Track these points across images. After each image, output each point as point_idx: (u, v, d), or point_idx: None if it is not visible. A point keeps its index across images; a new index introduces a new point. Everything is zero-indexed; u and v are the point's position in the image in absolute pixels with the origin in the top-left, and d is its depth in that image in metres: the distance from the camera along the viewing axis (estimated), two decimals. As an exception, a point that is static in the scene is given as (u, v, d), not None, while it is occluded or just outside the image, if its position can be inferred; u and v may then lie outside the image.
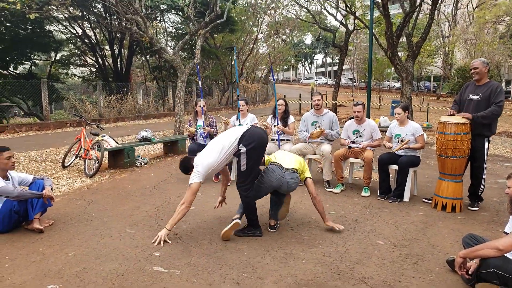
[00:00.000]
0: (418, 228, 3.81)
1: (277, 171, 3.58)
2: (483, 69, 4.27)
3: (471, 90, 4.40)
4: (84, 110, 14.01)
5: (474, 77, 4.34)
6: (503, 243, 2.45)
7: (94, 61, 21.74)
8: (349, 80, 45.09)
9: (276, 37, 29.23)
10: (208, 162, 3.43)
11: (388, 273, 2.87)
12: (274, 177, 3.56)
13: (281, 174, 3.57)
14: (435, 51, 27.35)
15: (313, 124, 5.50)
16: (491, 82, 4.30)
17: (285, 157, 3.81)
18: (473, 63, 4.36)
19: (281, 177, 3.56)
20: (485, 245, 2.57)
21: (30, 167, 6.62)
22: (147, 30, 9.98)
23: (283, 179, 3.56)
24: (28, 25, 16.91)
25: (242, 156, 3.42)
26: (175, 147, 8.04)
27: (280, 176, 3.56)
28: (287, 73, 67.90)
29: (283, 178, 3.56)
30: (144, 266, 2.94)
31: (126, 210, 4.33)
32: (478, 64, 4.29)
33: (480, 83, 4.33)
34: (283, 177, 3.56)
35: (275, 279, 2.76)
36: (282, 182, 3.57)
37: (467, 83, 4.58)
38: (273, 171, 3.59)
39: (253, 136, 3.45)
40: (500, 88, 4.22)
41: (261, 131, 3.63)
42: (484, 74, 4.30)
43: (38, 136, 10.68)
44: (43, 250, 3.23)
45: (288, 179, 3.58)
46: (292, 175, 3.61)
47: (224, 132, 3.72)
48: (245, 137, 3.43)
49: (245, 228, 3.61)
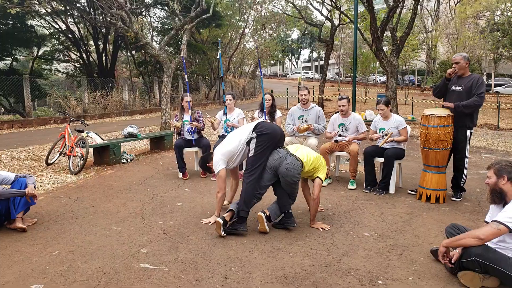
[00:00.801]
0: (403, 220, 3.87)
1: (281, 152, 3.58)
2: (464, 64, 4.37)
3: (453, 81, 4.50)
4: (68, 107, 13.77)
5: (455, 72, 4.43)
6: (484, 232, 2.51)
7: (78, 57, 21.32)
8: (335, 75, 45.31)
9: (262, 32, 29.18)
10: (228, 149, 3.67)
11: (374, 264, 2.92)
12: (277, 156, 3.54)
13: (284, 156, 3.53)
14: (419, 46, 27.75)
15: (300, 118, 5.52)
16: (472, 75, 4.41)
17: (298, 148, 3.76)
18: (454, 57, 4.45)
19: (282, 158, 3.52)
20: (467, 234, 2.63)
21: (12, 165, 6.48)
22: (132, 25, 9.84)
23: (284, 160, 3.50)
24: (9, 20, 16.49)
25: (252, 142, 3.59)
26: (161, 143, 7.98)
27: (282, 156, 3.53)
28: (274, 68, 67.90)
29: (284, 159, 3.51)
30: (131, 263, 2.92)
31: (112, 207, 4.28)
32: (459, 58, 4.38)
33: (462, 77, 4.42)
34: (285, 158, 3.51)
35: (263, 272, 2.78)
36: (281, 162, 3.50)
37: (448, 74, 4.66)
38: (278, 152, 3.59)
39: (265, 126, 3.68)
40: (481, 80, 4.34)
41: (276, 125, 3.87)
42: (465, 68, 4.40)
43: (20, 134, 10.45)
44: (26, 249, 3.18)
45: (288, 162, 3.50)
46: (295, 161, 3.52)
47: (241, 126, 4.00)
48: (258, 126, 3.67)
49: (230, 225, 3.54)
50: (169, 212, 4.10)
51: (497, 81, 30.17)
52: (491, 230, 2.49)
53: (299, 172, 3.54)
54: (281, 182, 3.56)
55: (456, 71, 4.40)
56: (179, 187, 5.13)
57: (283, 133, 3.82)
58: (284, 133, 3.87)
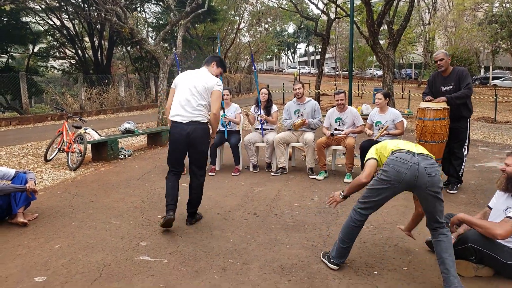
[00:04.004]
0: (399, 212, 3.93)
1: (406, 156, 2.54)
2: (448, 60, 4.48)
3: (441, 81, 4.57)
4: (65, 103, 13.75)
5: (440, 68, 4.51)
6: (504, 231, 2.45)
7: (74, 53, 21.25)
8: (332, 69, 45.30)
9: (258, 26, 29.10)
10: None
11: (370, 255, 2.98)
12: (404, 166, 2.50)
13: (415, 161, 2.50)
14: (416, 39, 27.73)
15: (296, 112, 5.57)
16: (456, 69, 4.51)
17: (402, 142, 2.80)
18: (437, 55, 4.52)
19: (414, 164, 2.48)
20: (486, 225, 2.56)
21: (12, 161, 6.51)
22: (127, 21, 9.83)
23: (417, 166, 2.47)
24: (4, 17, 16.38)
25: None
26: (158, 138, 8.01)
27: (410, 161, 2.50)
28: (270, 63, 67.76)
29: (417, 165, 2.48)
30: (131, 255, 2.97)
31: (111, 202, 4.32)
32: (442, 55, 4.47)
33: (446, 73, 4.51)
34: (418, 163, 2.48)
35: (261, 264, 2.83)
36: (416, 171, 2.47)
37: (432, 74, 4.74)
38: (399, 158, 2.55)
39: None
40: (465, 73, 4.45)
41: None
42: (448, 65, 4.50)
43: (18, 130, 10.45)
44: (28, 243, 3.22)
45: (427, 165, 2.49)
46: (430, 160, 2.55)
47: None
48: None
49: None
50: (167, 206, 4.14)
51: (495, 74, 30.25)
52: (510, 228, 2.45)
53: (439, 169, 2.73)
54: (422, 200, 2.60)
55: (441, 67, 4.46)
56: (177, 182, 5.17)
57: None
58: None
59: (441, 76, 4.56)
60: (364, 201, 2.68)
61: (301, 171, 5.66)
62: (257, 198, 4.42)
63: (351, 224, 2.70)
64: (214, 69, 3.68)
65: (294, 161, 6.12)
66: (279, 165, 5.47)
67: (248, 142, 5.58)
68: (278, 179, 5.25)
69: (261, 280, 2.61)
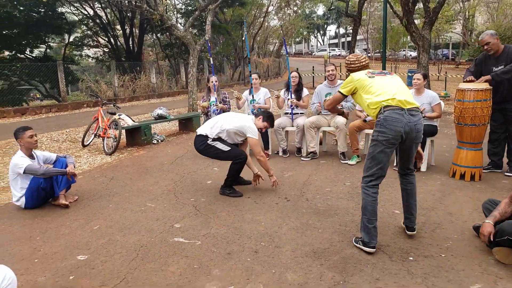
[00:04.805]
0: (435, 197, 3.81)
1: (403, 115, 2.65)
2: (495, 41, 4.18)
3: (492, 62, 4.30)
4: (100, 91, 14.17)
5: (489, 52, 4.24)
6: None
7: (107, 42, 21.75)
8: (363, 51, 43.99)
9: (287, 9, 28.57)
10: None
11: (405, 241, 2.91)
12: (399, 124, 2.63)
13: (407, 119, 2.64)
14: (454, 17, 26.28)
15: (327, 96, 5.45)
16: (507, 47, 4.23)
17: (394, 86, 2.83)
18: (482, 39, 4.23)
19: (407, 122, 2.64)
20: None
21: (52, 146, 6.82)
22: (157, 8, 9.90)
23: (408, 124, 2.64)
24: (41, 8, 16.95)
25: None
26: (189, 124, 8.12)
27: (406, 121, 2.64)
28: (299, 46, 66.60)
29: (408, 123, 2.64)
30: (165, 237, 3.06)
31: (146, 185, 4.45)
32: (488, 38, 4.18)
33: (497, 54, 4.23)
34: (409, 121, 2.65)
35: (293, 247, 2.84)
36: (409, 128, 2.65)
37: (483, 53, 4.44)
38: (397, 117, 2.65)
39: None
40: None
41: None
42: (498, 45, 4.22)
43: (57, 117, 10.92)
44: (70, 224, 3.39)
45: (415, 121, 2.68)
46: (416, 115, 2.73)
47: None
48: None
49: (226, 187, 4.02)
50: (199, 190, 4.22)
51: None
52: None
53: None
54: (404, 150, 2.82)
55: (490, 51, 4.20)
56: (208, 166, 5.25)
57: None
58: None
59: (492, 56, 4.30)
60: (372, 173, 2.75)
61: (332, 156, 5.59)
62: (287, 182, 4.41)
63: (369, 200, 2.74)
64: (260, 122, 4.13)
65: (325, 145, 6.04)
66: (310, 149, 5.41)
67: (278, 126, 5.54)
68: (309, 164, 5.21)
69: (293, 263, 2.61)
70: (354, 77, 2.94)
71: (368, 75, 2.89)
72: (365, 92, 2.84)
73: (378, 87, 2.79)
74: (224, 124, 3.97)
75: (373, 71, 2.97)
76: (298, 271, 2.51)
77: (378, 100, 2.73)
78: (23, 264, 2.70)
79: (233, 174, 4.01)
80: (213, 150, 3.95)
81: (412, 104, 2.72)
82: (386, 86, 2.79)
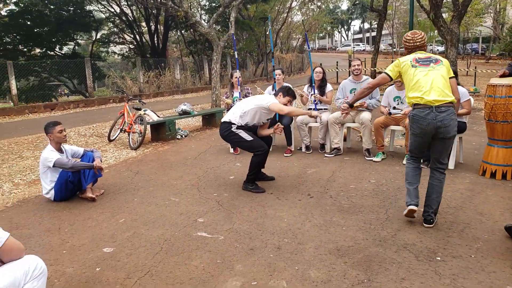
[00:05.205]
0: (464, 196, 3.69)
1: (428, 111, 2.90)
2: None
3: None
4: (126, 86, 14.47)
5: None
6: None
7: (132, 38, 22.19)
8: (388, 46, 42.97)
9: (310, 4, 28.23)
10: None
11: (432, 240, 2.83)
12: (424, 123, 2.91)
13: (433, 116, 2.88)
14: (484, 10, 25.29)
15: (352, 91, 5.36)
16: None
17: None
18: None
19: (432, 120, 2.88)
20: None
21: (80, 141, 7.02)
22: (182, 4, 9.98)
23: (434, 121, 2.88)
24: (70, 7, 17.45)
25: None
26: (213, 119, 8.18)
27: (431, 119, 2.88)
28: (322, 41, 65.76)
29: (434, 120, 2.88)
30: (189, 231, 3.09)
31: (170, 180, 4.51)
32: None
33: None
34: (435, 118, 2.88)
35: (316, 244, 2.81)
36: (435, 125, 2.88)
37: None
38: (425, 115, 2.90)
39: None
40: None
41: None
42: None
43: (84, 112, 11.23)
44: (96, 216, 3.48)
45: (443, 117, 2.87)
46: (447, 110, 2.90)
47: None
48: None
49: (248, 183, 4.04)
50: (222, 185, 4.25)
51: None
52: None
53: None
54: (436, 145, 3.03)
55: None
56: (231, 161, 5.27)
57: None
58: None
59: None
60: (410, 150, 3.16)
61: (356, 153, 5.50)
62: (310, 179, 4.37)
63: (410, 168, 3.17)
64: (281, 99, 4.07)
65: (349, 142, 5.95)
66: (334, 146, 5.34)
67: (301, 122, 5.49)
68: (333, 160, 5.14)
69: (316, 260, 2.59)
70: (400, 62, 3.10)
71: (413, 63, 3.04)
72: (405, 80, 3.07)
73: (414, 80, 2.97)
74: (245, 106, 4.00)
75: (420, 57, 3.08)
76: (322, 269, 2.49)
77: (410, 96, 2.99)
78: (52, 254, 2.79)
79: (254, 168, 4.01)
80: (236, 138, 3.98)
81: (442, 101, 2.87)
82: (421, 81, 2.95)
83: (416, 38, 3.16)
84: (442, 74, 2.98)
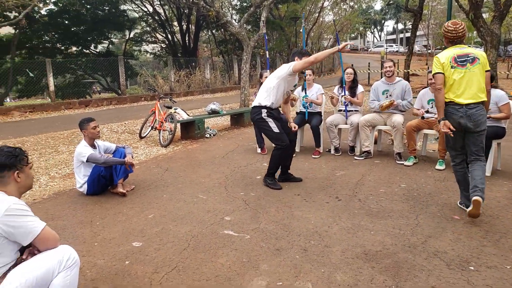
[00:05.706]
0: (501, 205, 3.52)
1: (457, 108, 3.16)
2: None
3: None
4: (157, 85, 14.80)
5: None
6: None
7: (164, 38, 22.69)
8: (423, 47, 41.72)
9: (343, 4, 27.82)
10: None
11: (465, 248, 2.72)
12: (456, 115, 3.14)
13: (463, 113, 3.13)
14: (528, 10, 24.03)
15: (384, 93, 5.24)
16: None
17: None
18: None
19: (462, 117, 3.13)
20: None
21: (112, 137, 7.25)
22: (213, 4, 10.10)
23: (465, 117, 3.12)
24: (105, 6, 18.04)
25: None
26: (241, 119, 8.23)
27: (461, 116, 3.13)
28: (354, 42, 64.70)
29: (465, 116, 3.12)
30: (216, 229, 3.12)
31: (198, 178, 4.58)
32: None
33: None
34: (465, 114, 3.12)
35: (343, 248, 2.76)
36: (465, 122, 3.12)
37: None
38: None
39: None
40: None
41: None
42: None
43: (117, 110, 11.57)
44: (127, 211, 3.57)
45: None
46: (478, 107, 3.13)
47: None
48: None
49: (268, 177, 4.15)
50: (249, 184, 4.26)
51: None
52: None
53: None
54: (469, 139, 3.22)
55: None
56: (258, 161, 5.28)
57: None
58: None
59: None
60: (450, 155, 3.38)
61: (387, 156, 5.37)
62: (339, 181, 4.31)
63: (458, 175, 3.36)
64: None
65: (380, 145, 5.82)
66: (364, 148, 5.24)
67: (331, 124, 5.42)
68: (362, 163, 5.05)
69: (343, 264, 2.55)
70: (440, 60, 3.16)
71: (452, 63, 3.12)
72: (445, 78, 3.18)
73: (451, 82, 3.12)
74: (269, 85, 4.06)
75: (458, 54, 3.13)
76: (348, 272, 2.45)
77: (445, 96, 3.15)
78: (85, 246, 2.89)
79: (275, 162, 4.06)
80: (264, 125, 4.04)
81: (472, 102, 3.08)
82: (456, 83, 3.10)
83: (458, 28, 3.14)
84: (477, 75, 3.11)
